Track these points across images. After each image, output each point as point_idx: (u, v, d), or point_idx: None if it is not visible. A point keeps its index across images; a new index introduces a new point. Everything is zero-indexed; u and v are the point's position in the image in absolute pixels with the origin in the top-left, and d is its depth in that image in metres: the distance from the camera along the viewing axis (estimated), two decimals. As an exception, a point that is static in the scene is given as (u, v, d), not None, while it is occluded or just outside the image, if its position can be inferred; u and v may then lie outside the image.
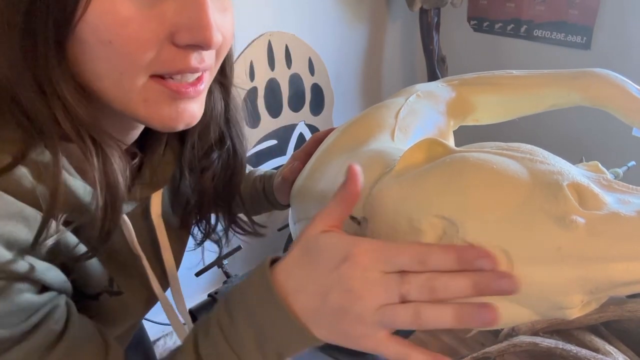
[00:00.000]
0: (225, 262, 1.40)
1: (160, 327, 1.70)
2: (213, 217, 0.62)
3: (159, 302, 0.59)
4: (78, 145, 0.39)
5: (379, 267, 0.35)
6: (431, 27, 1.89)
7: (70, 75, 0.37)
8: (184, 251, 0.63)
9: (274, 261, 0.40)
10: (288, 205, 0.70)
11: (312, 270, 0.37)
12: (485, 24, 1.95)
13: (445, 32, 1.97)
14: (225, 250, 0.76)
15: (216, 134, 0.54)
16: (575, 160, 0.43)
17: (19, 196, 0.37)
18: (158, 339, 1.76)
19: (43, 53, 0.35)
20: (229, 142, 0.56)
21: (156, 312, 0.62)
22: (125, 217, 0.49)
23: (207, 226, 0.62)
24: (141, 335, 0.83)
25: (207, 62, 0.40)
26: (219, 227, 0.63)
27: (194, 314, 0.80)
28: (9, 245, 0.36)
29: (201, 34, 0.37)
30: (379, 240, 0.37)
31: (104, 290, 0.49)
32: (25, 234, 0.37)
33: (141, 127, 0.49)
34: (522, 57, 1.87)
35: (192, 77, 0.41)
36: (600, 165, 0.39)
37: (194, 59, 0.39)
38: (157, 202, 0.54)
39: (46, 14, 0.34)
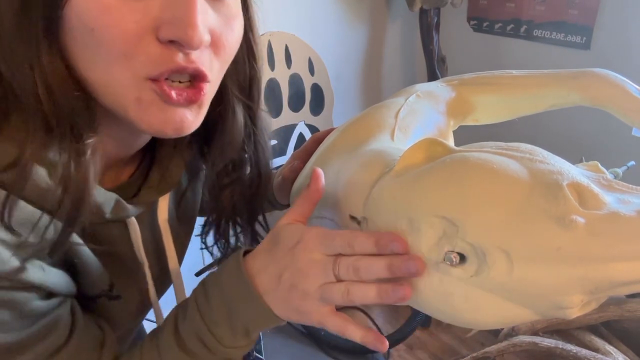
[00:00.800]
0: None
1: (160, 327, 1.70)
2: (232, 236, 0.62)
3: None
4: (55, 130, 0.38)
5: (321, 249, 0.40)
6: (431, 27, 1.89)
7: (60, 59, 0.37)
8: (184, 254, 0.63)
9: (248, 251, 0.46)
10: (288, 205, 0.70)
11: (272, 253, 0.43)
12: (485, 24, 1.95)
13: (445, 32, 1.97)
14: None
15: (240, 155, 0.54)
16: (575, 160, 0.43)
17: (34, 197, 0.37)
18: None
19: (34, 34, 0.35)
20: (253, 164, 0.56)
21: (156, 312, 0.62)
22: (134, 220, 0.49)
23: (227, 245, 0.61)
24: (140, 335, 0.83)
25: (198, 64, 0.39)
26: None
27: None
28: (17, 249, 0.37)
29: (182, 30, 0.36)
30: (325, 228, 0.42)
31: (103, 293, 0.49)
32: (33, 240, 0.37)
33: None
34: (522, 57, 1.87)
35: (185, 79, 0.39)
36: (600, 165, 0.39)
37: (180, 57, 0.37)
38: (164, 207, 0.54)
39: None
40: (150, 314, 0.61)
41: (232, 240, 0.62)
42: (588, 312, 0.37)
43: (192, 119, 0.41)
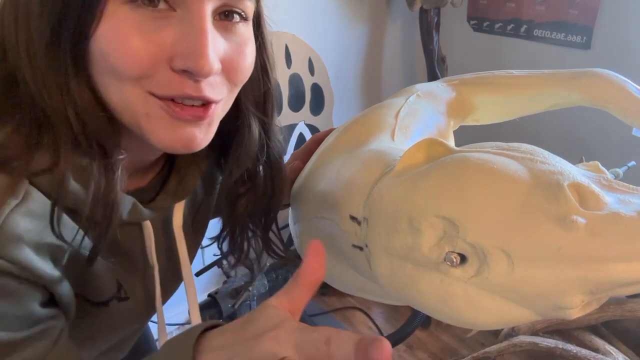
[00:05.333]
0: (225, 262, 1.40)
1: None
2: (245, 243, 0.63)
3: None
4: (84, 149, 0.41)
5: (292, 345, 0.31)
6: (431, 27, 1.89)
7: (87, 86, 0.40)
8: (193, 259, 0.65)
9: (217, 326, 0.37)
10: (286, 205, 0.70)
11: (237, 333, 0.34)
12: (485, 24, 1.95)
13: (445, 32, 1.97)
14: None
15: (255, 167, 0.56)
16: (575, 160, 0.43)
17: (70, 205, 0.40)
18: (157, 339, 1.76)
19: (64, 64, 0.38)
20: (267, 174, 0.57)
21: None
22: (149, 224, 0.51)
23: (240, 253, 0.63)
24: (146, 335, 0.85)
25: (207, 91, 0.40)
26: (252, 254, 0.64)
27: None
28: (38, 247, 0.38)
29: (194, 61, 0.38)
30: (303, 324, 0.32)
31: (113, 296, 0.50)
32: (53, 239, 0.39)
33: None
34: (522, 57, 1.87)
35: (196, 103, 0.41)
36: (600, 165, 0.39)
37: (190, 86, 0.40)
38: (179, 212, 0.56)
39: (67, 29, 0.37)
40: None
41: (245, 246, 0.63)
42: (588, 312, 0.37)
43: (202, 136, 0.43)
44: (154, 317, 0.60)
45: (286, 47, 1.75)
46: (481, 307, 0.37)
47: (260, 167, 0.57)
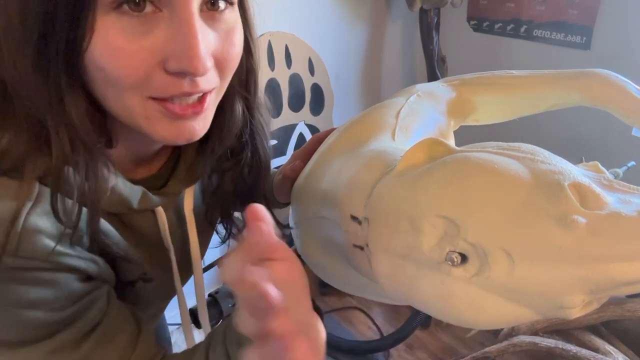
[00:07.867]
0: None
1: (160, 327, 1.70)
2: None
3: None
4: (78, 151, 0.42)
5: None
6: (431, 27, 1.89)
7: (82, 96, 0.41)
8: (208, 245, 0.67)
9: None
10: (286, 204, 0.70)
11: None
12: (485, 24, 1.95)
13: (445, 32, 1.97)
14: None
15: (239, 142, 0.56)
16: (575, 160, 0.43)
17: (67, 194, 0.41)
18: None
19: (55, 81, 0.39)
20: (251, 151, 0.58)
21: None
22: (161, 209, 0.53)
23: (230, 225, 0.65)
24: (162, 325, 0.86)
25: (203, 85, 0.42)
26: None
27: (194, 313, 0.81)
28: (58, 238, 0.41)
29: (188, 63, 0.38)
30: None
31: (140, 277, 0.53)
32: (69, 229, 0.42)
33: None
34: (522, 57, 1.87)
35: (192, 99, 0.42)
36: (600, 165, 0.39)
37: (186, 84, 0.40)
38: (189, 197, 0.58)
39: (56, 49, 0.37)
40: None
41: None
42: (589, 311, 0.37)
43: (200, 126, 0.44)
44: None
45: (286, 47, 1.75)
46: (482, 307, 0.37)
47: (245, 143, 0.57)
